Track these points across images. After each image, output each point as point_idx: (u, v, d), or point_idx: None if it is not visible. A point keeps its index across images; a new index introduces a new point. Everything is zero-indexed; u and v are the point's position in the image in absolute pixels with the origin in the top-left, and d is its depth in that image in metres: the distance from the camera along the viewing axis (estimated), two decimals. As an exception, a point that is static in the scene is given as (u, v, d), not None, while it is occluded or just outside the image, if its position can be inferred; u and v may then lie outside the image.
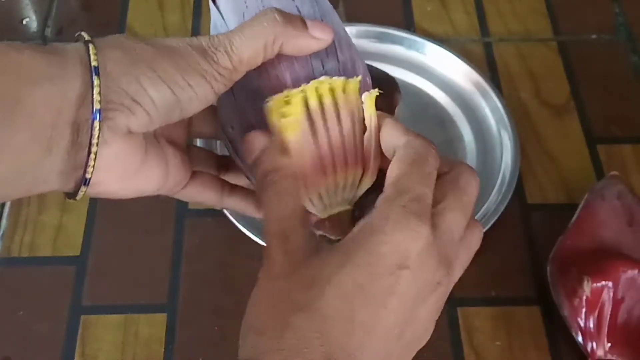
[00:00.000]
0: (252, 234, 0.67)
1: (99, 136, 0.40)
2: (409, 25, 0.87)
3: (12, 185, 0.40)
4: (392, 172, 0.40)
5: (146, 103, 0.41)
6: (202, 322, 0.66)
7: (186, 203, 0.72)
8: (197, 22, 0.87)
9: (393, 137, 0.43)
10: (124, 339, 0.65)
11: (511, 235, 0.71)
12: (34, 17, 0.89)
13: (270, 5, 0.46)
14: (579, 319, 0.61)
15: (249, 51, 0.43)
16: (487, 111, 0.77)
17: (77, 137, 0.40)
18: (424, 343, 0.41)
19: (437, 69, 0.81)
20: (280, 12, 0.44)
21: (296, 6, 0.47)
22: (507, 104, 0.76)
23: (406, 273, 0.37)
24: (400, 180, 0.40)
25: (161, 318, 0.66)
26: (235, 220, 0.68)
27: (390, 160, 0.41)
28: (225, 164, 0.52)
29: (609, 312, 0.60)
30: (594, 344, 0.61)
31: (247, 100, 0.46)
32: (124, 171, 0.43)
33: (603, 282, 0.60)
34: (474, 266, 0.45)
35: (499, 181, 0.71)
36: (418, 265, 0.37)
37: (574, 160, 0.76)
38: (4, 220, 0.72)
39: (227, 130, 0.48)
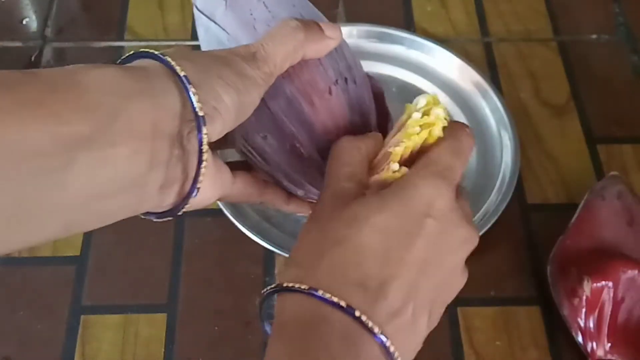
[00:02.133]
0: (252, 233, 0.67)
1: (207, 143, 0.41)
2: (409, 25, 0.87)
3: (119, 203, 0.41)
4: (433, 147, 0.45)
5: (224, 110, 0.42)
6: (202, 322, 0.66)
7: (186, 203, 0.72)
8: (197, 22, 0.87)
9: None
10: (124, 339, 0.65)
11: (511, 235, 0.71)
12: (34, 17, 0.89)
13: (275, 12, 0.49)
14: (579, 319, 0.61)
15: (281, 56, 0.45)
16: (487, 111, 0.77)
17: (177, 150, 0.41)
18: (454, 293, 0.44)
19: (437, 69, 0.81)
20: (299, 20, 0.47)
21: (299, 12, 0.50)
22: (507, 104, 0.76)
23: (430, 221, 0.42)
24: (435, 151, 0.45)
25: (161, 318, 0.66)
26: (236, 220, 0.68)
27: None
28: (235, 167, 0.53)
29: (609, 312, 0.60)
30: (594, 344, 0.61)
31: (283, 109, 0.49)
32: (211, 179, 0.45)
33: (603, 282, 0.60)
34: (474, 266, 0.46)
35: (499, 181, 0.71)
36: (442, 218, 0.42)
37: (574, 160, 0.76)
38: (4, 220, 0.72)
39: (254, 140, 0.49)
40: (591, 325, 0.61)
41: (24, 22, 0.89)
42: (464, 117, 0.77)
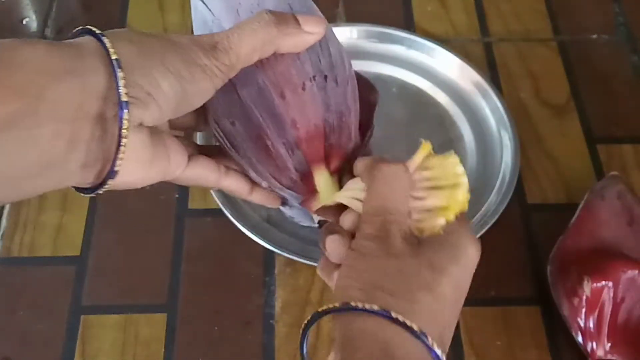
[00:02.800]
0: (252, 233, 0.67)
1: (128, 128, 0.41)
2: (409, 25, 0.87)
3: (41, 180, 0.41)
4: None
5: (159, 97, 0.42)
6: (202, 322, 0.66)
7: (186, 203, 0.72)
8: (197, 22, 0.87)
9: None
10: (124, 339, 0.65)
11: (511, 235, 0.71)
12: (34, 17, 0.89)
13: (264, 1, 0.48)
14: (579, 319, 0.61)
15: (246, 49, 0.45)
16: (487, 111, 0.77)
17: (98, 131, 0.41)
18: None
19: (437, 69, 0.81)
20: (274, 13, 0.46)
21: (288, 2, 0.49)
22: (507, 104, 0.76)
23: (470, 275, 0.47)
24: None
25: (161, 318, 0.66)
26: (236, 220, 0.68)
27: None
28: (205, 151, 0.53)
29: (609, 312, 0.60)
30: (594, 344, 0.61)
31: (253, 98, 0.48)
32: (142, 162, 0.44)
33: (603, 282, 0.60)
34: (473, 266, 0.46)
35: (499, 181, 0.71)
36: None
37: (574, 160, 0.76)
38: (4, 220, 0.72)
39: (225, 125, 0.50)
40: (591, 325, 0.61)
41: (24, 22, 0.89)
42: (464, 117, 0.77)
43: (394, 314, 0.41)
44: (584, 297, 0.61)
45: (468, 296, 0.47)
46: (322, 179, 0.50)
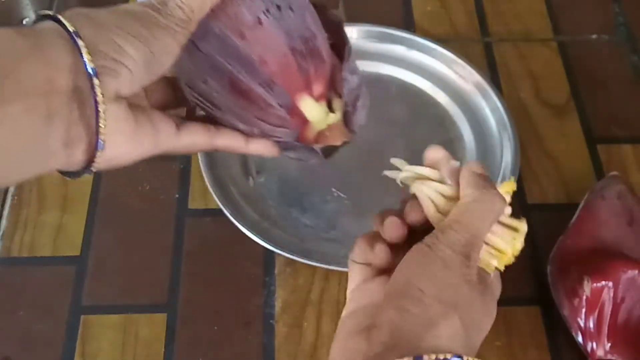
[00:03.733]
0: (252, 233, 0.67)
1: (102, 93, 0.41)
2: (409, 25, 0.87)
3: (22, 161, 0.41)
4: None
5: (127, 61, 0.42)
6: (202, 322, 0.66)
7: (186, 203, 0.72)
8: (197, 22, 0.87)
9: None
10: (124, 339, 0.65)
11: (511, 235, 0.70)
12: (34, 17, 0.89)
13: None
14: (579, 319, 0.61)
15: (197, 1, 0.46)
16: (487, 111, 0.77)
17: (76, 103, 0.41)
18: None
19: (437, 69, 0.81)
20: None
21: None
22: (507, 104, 0.76)
23: None
24: None
25: (161, 318, 0.66)
26: (236, 220, 0.68)
27: None
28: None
29: (609, 312, 0.60)
30: (594, 344, 0.61)
31: (215, 48, 0.49)
32: (127, 133, 0.44)
33: (603, 282, 0.60)
34: (474, 266, 0.46)
35: (499, 181, 0.71)
36: None
37: (574, 160, 0.76)
38: (4, 220, 0.72)
39: (199, 87, 0.50)
40: (591, 325, 0.61)
41: (24, 22, 0.88)
42: (464, 117, 0.77)
43: None
44: (584, 297, 0.61)
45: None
46: (308, 106, 0.50)
